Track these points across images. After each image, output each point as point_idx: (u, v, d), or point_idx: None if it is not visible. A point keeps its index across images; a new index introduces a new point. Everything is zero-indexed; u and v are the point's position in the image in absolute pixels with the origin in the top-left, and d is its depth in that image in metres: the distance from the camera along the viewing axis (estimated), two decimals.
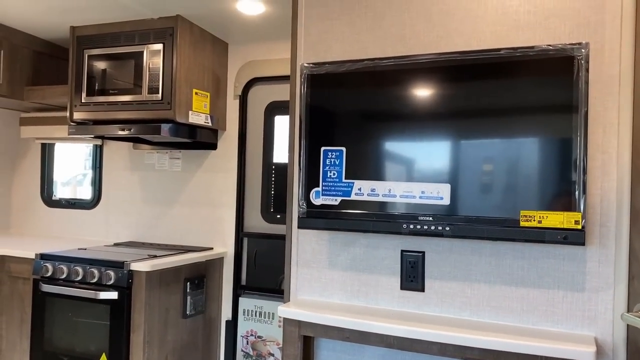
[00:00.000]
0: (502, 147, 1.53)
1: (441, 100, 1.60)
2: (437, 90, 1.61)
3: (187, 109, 2.91)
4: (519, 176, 1.52)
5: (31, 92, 3.31)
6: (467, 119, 1.57)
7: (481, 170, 1.55)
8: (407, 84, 1.66)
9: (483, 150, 1.55)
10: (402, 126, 1.65)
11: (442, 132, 1.59)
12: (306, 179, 1.76)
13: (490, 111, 1.55)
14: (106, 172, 3.62)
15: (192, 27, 2.93)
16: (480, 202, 1.56)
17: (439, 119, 1.60)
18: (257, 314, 3.16)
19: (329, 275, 1.89)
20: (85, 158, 4.79)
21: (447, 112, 1.59)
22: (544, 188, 1.49)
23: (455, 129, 1.58)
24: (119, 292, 2.66)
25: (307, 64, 1.78)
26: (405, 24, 1.80)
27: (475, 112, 1.56)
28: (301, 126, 1.78)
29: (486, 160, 1.54)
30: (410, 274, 1.77)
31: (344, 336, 1.71)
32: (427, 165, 1.61)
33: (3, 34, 3.15)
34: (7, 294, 3.04)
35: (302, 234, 1.93)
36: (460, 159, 1.57)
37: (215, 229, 3.31)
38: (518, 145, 1.51)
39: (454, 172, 1.58)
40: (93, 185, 3.69)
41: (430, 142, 1.61)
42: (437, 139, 1.60)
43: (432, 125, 1.61)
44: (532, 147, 1.50)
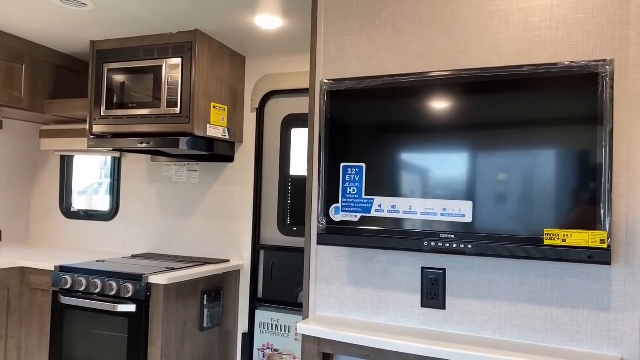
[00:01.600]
0: (524, 165, 1.51)
1: (462, 117, 1.60)
2: (458, 107, 1.60)
3: (205, 122, 2.93)
4: (543, 194, 1.50)
5: (51, 106, 3.36)
6: (489, 136, 1.56)
7: (504, 188, 1.53)
8: (427, 100, 1.65)
9: (505, 168, 1.53)
10: (422, 143, 1.64)
11: (463, 149, 1.58)
12: (326, 195, 1.75)
13: (513, 129, 1.53)
14: (124, 184, 3.65)
15: (210, 41, 2.95)
16: (502, 219, 1.54)
17: (460, 136, 1.59)
18: (274, 327, 3.15)
19: (348, 291, 1.88)
20: (101, 166, 4.83)
21: (468, 128, 1.58)
22: (568, 206, 1.47)
23: (477, 146, 1.57)
24: (137, 305, 2.67)
25: (326, 80, 1.78)
26: (425, 39, 1.80)
27: (497, 130, 1.55)
28: (321, 142, 1.78)
29: (509, 178, 1.53)
30: (431, 291, 1.75)
31: (364, 354, 1.70)
32: (448, 182, 1.60)
33: (25, 48, 3.20)
34: (26, 306, 3.06)
35: (321, 250, 1.92)
36: (482, 176, 1.56)
37: (231, 241, 3.32)
38: (541, 164, 1.49)
39: (476, 189, 1.56)
40: (111, 197, 3.72)
41: (451, 159, 1.60)
42: (458, 156, 1.59)
43: (453, 142, 1.60)
44: (556, 165, 1.48)
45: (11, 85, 3.13)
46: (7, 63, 3.10)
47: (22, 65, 3.19)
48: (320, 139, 1.79)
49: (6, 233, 3.80)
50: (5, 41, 3.08)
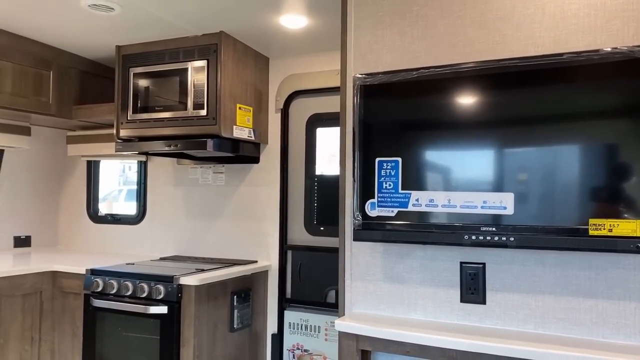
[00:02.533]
0: (567, 155, 1.48)
1: (501, 106, 1.57)
2: (497, 96, 1.58)
3: (232, 124, 2.93)
4: (587, 184, 1.46)
5: (78, 111, 3.39)
6: (530, 127, 1.53)
7: (546, 178, 1.50)
8: (464, 92, 1.63)
9: (548, 158, 1.51)
10: (460, 135, 1.61)
11: (504, 139, 1.56)
12: (361, 191, 1.74)
13: (555, 117, 1.50)
14: (151, 187, 3.68)
15: (235, 42, 2.96)
16: (545, 211, 1.51)
17: (500, 127, 1.56)
18: (303, 328, 3.14)
19: (385, 288, 1.86)
20: (119, 174, 4.87)
21: (508, 119, 1.56)
22: (614, 195, 1.44)
23: (517, 137, 1.54)
24: (169, 307, 2.68)
25: (359, 75, 1.77)
26: (459, 31, 1.77)
27: (538, 120, 1.52)
28: (354, 137, 1.77)
29: (551, 167, 1.50)
30: (470, 286, 1.72)
31: (404, 350, 1.68)
32: (488, 174, 1.57)
33: (52, 55, 3.24)
34: (58, 309, 3.10)
35: (356, 247, 1.91)
36: (524, 167, 1.53)
37: (259, 242, 3.32)
38: (585, 152, 1.46)
39: (517, 180, 1.53)
40: (138, 200, 3.75)
41: (491, 150, 1.57)
42: (498, 146, 1.56)
43: (492, 134, 1.57)
44: (600, 153, 1.45)
45: (39, 92, 3.17)
46: (35, 70, 3.14)
47: (50, 72, 3.23)
48: (354, 134, 1.77)
49: (35, 238, 3.85)
50: (33, 48, 3.12)
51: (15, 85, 3.03)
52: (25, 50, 3.07)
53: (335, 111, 3.13)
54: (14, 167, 3.65)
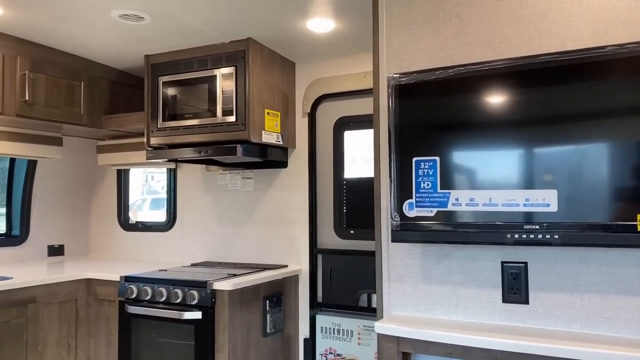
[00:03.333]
0: (613, 149, 1.45)
1: (540, 103, 1.54)
2: (536, 93, 1.56)
3: (260, 129, 2.95)
4: (632, 179, 1.43)
5: (109, 120, 3.44)
6: (573, 120, 1.50)
7: (591, 174, 1.47)
8: (502, 88, 1.61)
9: (592, 153, 1.48)
10: (500, 131, 1.59)
11: (546, 135, 1.53)
12: (398, 191, 1.73)
13: (599, 111, 1.47)
14: (180, 194, 3.71)
15: (262, 48, 2.98)
16: (590, 207, 1.48)
17: (542, 122, 1.54)
18: (336, 332, 3.13)
19: (424, 289, 1.84)
20: (142, 184, 4.92)
21: (549, 114, 1.53)
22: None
23: (561, 131, 1.51)
24: (203, 312, 2.69)
25: (394, 75, 1.76)
26: (494, 28, 1.76)
27: (582, 113, 1.49)
28: (390, 138, 1.76)
29: (596, 163, 1.47)
30: (512, 286, 1.69)
31: (447, 352, 1.65)
32: (530, 171, 1.55)
33: (82, 66, 3.30)
34: (93, 317, 3.13)
35: (393, 248, 1.89)
36: (567, 162, 1.50)
37: (288, 246, 3.32)
38: (632, 147, 1.43)
39: (560, 176, 1.51)
40: (167, 207, 3.79)
41: (533, 147, 1.55)
42: (540, 143, 1.54)
43: (534, 129, 1.55)
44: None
45: (71, 103, 3.23)
46: (66, 81, 3.20)
47: (81, 83, 3.29)
48: (390, 134, 1.76)
49: (68, 247, 3.91)
50: (64, 60, 3.18)
51: (49, 97, 3.09)
52: (57, 62, 3.14)
53: (363, 113, 3.12)
54: (46, 177, 3.72)
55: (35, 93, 3.01)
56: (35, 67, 3.00)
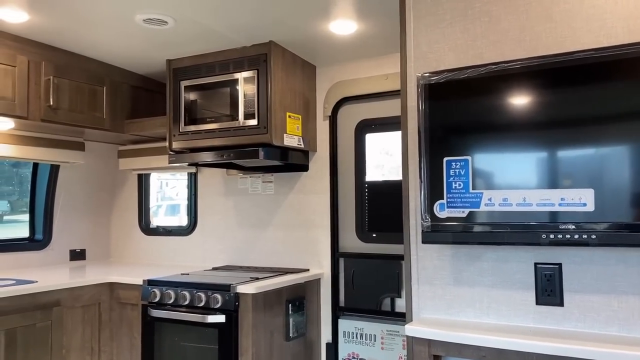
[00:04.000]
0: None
1: (575, 101, 1.52)
2: (571, 90, 1.53)
3: (282, 132, 2.94)
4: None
5: (131, 125, 3.46)
6: (610, 118, 1.47)
7: (628, 172, 1.44)
8: (535, 86, 1.58)
9: (629, 151, 1.44)
10: (534, 130, 1.57)
11: (582, 134, 1.50)
12: (429, 192, 1.71)
13: (636, 109, 1.44)
14: (201, 198, 3.72)
15: (284, 52, 2.98)
16: (628, 206, 1.44)
17: (578, 121, 1.51)
18: (358, 336, 3.10)
19: (454, 292, 1.82)
20: (157, 190, 4.95)
21: (585, 113, 1.50)
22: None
23: (598, 129, 1.48)
24: (227, 316, 2.68)
25: (424, 74, 1.74)
26: (524, 26, 1.73)
27: (618, 111, 1.46)
28: (420, 138, 1.74)
29: (633, 161, 1.43)
30: (546, 287, 1.66)
31: (480, 355, 1.62)
32: (565, 170, 1.52)
33: (105, 71, 3.33)
34: (116, 320, 3.14)
35: (422, 250, 1.87)
36: (604, 161, 1.47)
37: (310, 250, 3.30)
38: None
39: (597, 175, 1.47)
40: (188, 211, 3.79)
41: (568, 146, 1.52)
42: (576, 142, 1.51)
43: (570, 128, 1.52)
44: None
45: (94, 107, 3.25)
46: (90, 86, 3.22)
47: (103, 88, 3.31)
48: (420, 134, 1.74)
49: (90, 252, 3.93)
50: (87, 65, 3.21)
51: (72, 102, 3.11)
52: (80, 68, 3.16)
53: (385, 116, 3.10)
54: (68, 182, 3.75)
55: (59, 98, 3.03)
56: (59, 73, 3.03)
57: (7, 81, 2.79)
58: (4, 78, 2.77)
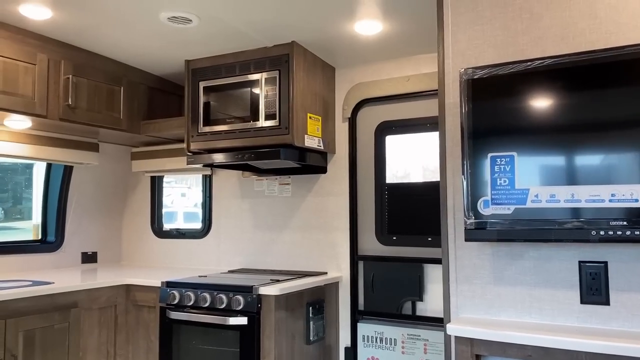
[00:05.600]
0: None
1: (628, 96, 1.50)
2: (622, 86, 1.51)
3: (303, 133, 2.92)
4: None
5: (147, 126, 3.43)
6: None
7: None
8: (580, 81, 1.57)
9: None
10: (582, 125, 1.55)
11: (633, 128, 1.48)
12: (472, 189, 1.68)
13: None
14: (216, 200, 3.68)
15: (305, 52, 2.96)
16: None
17: (628, 116, 1.49)
18: (378, 340, 3.06)
19: (495, 291, 1.79)
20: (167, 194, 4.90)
21: (636, 107, 1.49)
22: None
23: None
24: (249, 318, 2.64)
25: (468, 69, 1.73)
26: (567, 22, 1.72)
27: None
28: (463, 134, 1.72)
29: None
30: (591, 286, 1.64)
31: (525, 354, 1.59)
32: (616, 165, 1.50)
33: (122, 71, 3.30)
34: (132, 323, 3.09)
35: (461, 249, 1.84)
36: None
37: (328, 253, 3.27)
38: None
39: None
40: (203, 214, 3.76)
41: (617, 140, 1.50)
42: (627, 136, 1.49)
43: (620, 123, 1.50)
44: None
45: (112, 107, 3.22)
46: (107, 86, 3.20)
47: (120, 88, 3.28)
48: (462, 130, 1.72)
49: (101, 255, 3.88)
50: (106, 65, 3.19)
51: (90, 101, 3.08)
52: (98, 67, 3.14)
53: (406, 118, 3.09)
54: (81, 184, 3.70)
55: (77, 97, 3.00)
56: (78, 72, 3.00)
57: (27, 79, 2.75)
58: (25, 76, 2.74)
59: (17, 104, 2.70)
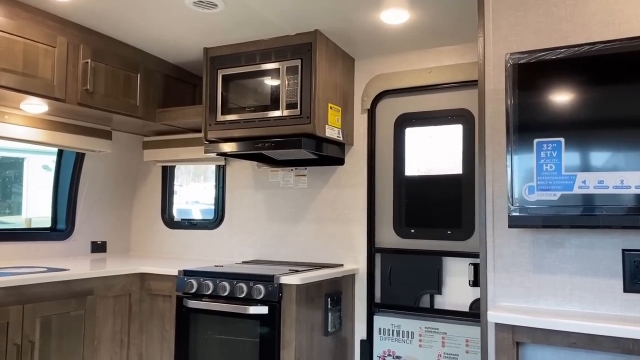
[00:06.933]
0: None
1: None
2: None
3: (324, 123, 2.90)
4: None
5: (163, 114, 3.39)
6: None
7: None
8: (631, 67, 1.55)
9: None
10: (632, 110, 1.53)
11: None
12: (517, 175, 1.67)
13: None
14: (229, 191, 3.65)
15: (327, 42, 2.94)
16: None
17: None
18: (395, 333, 3.04)
19: (534, 279, 1.77)
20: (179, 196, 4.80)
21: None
22: None
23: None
24: (270, 307, 2.61)
25: (514, 54, 1.71)
26: (613, 9, 1.71)
27: None
28: (509, 119, 1.70)
29: None
30: (635, 274, 1.62)
31: (570, 342, 1.58)
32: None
33: (139, 58, 3.26)
34: (146, 312, 3.05)
35: (500, 237, 1.83)
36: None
37: (344, 245, 3.24)
38: None
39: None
40: (216, 205, 3.72)
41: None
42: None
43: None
44: None
45: (128, 94, 3.18)
46: (124, 72, 3.15)
47: (137, 75, 3.24)
48: (508, 115, 1.71)
49: (110, 244, 3.83)
50: (123, 51, 3.14)
51: (108, 87, 3.04)
52: (116, 53, 3.09)
53: (427, 110, 3.07)
54: (93, 172, 3.65)
55: (95, 82, 2.96)
56: (96, 56, 2.96)
57: (47, 62, 2.71)
58: (45, 58, 2.70)
59: (37, 86, 2.66)
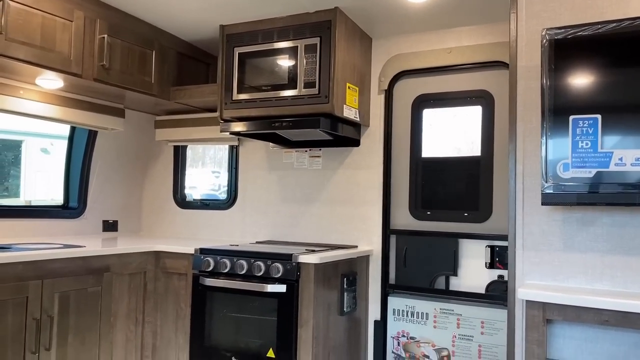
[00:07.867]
0: None
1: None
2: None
3: (342, 103, 2.87)
4: None
5: (177, 93, 3.36)
6: None
7: None
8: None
9: None
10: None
11: None
12: (552, 152, 1.65)
13: None
14: (242, 172, 3.63)
15: (347, 21, 2.90)
16: None
17: None
18: (409, 314, 3.05)
19: (563, 257, 1.77)
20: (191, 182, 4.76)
21: None
22: None
23: None
24: (288, 285, 2.61)
25: (550, 30, 1.69)
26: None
27: None
28: (544, 95, 1.68)
29: None
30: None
31: (601, 319, 1.58)
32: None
33: (154, 35, 3.22)
34: (161, 291, 3.05)
35: (529, 215, 1.82)
36: None
37: (358, 226, 3.24)
38: None
39: None
40: (229, 185, 3.70)
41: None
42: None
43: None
44: None
45: (143, 71, 3.15)
46: (140, 48, 3.12)
47: (152, 52, 3.21)
48: (543, 91, 1.69)
49: (122, 224, 3.82)
50: (139, 27, 3.11)
51: (123, 63, 3.01)
52: (131, 29, 3.05)
53: (446, 91, 3.05)
54: (105, 150, 3.63)
55: (111, 58, 2.92)
56: (112, 32, 2.92)
57: (64, 36, 2.67)
58: (62, 32, 2.66)
59: (55, 61, 2.62)
